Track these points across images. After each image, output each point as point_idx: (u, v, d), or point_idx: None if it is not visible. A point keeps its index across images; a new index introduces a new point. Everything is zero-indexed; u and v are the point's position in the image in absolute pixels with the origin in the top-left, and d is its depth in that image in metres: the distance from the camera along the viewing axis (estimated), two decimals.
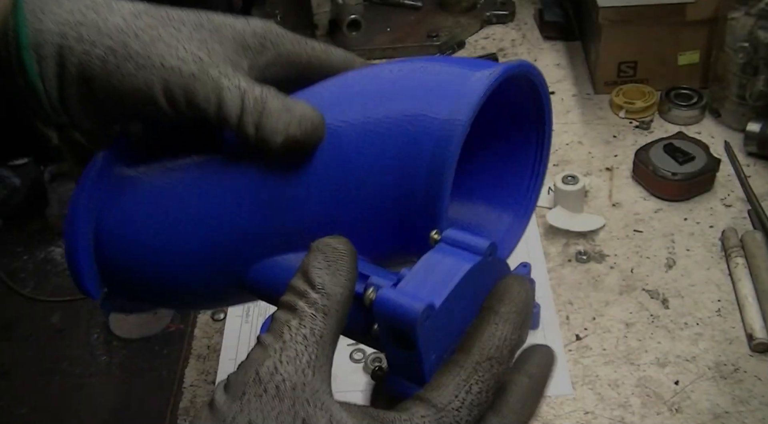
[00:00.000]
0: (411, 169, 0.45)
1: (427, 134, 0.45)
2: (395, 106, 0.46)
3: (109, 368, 2.02)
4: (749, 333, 0.86)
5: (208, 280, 0.52)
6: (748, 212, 1.01)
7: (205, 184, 0.50)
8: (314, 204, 0.47)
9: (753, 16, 1.04)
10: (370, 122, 0.46)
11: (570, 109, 1.20)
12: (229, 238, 0.49)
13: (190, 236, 0.50)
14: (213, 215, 0.49)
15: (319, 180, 0.47)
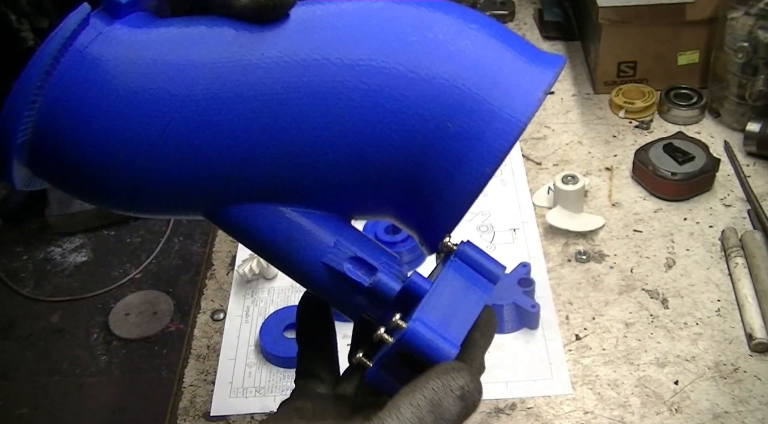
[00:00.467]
0: (448, 146, 0.43)
1: (482, 122, 0.43)
2: (444, 64, 0.43)
3: (109, 368, 2.02)
4: (749, 333, 0.86)
5: (174, 192, 0.45)
6: (747, 211, 1.01)
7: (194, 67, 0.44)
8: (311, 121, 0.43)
9: (753, 15, 1.04)
10: (412, 62, 0.43)
11: (570, 109, 1.20)
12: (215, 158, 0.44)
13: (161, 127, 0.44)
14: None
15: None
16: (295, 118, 0.43)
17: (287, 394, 0.85)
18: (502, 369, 0.86)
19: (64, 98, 0.44)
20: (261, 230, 0.46)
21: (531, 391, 0.84)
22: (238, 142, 0.44)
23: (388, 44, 0.44)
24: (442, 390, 0.41)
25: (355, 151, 0.43)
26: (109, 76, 0.44)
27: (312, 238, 0.45)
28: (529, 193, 1.06)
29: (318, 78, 0.43)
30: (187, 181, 0.45)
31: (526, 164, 1.11)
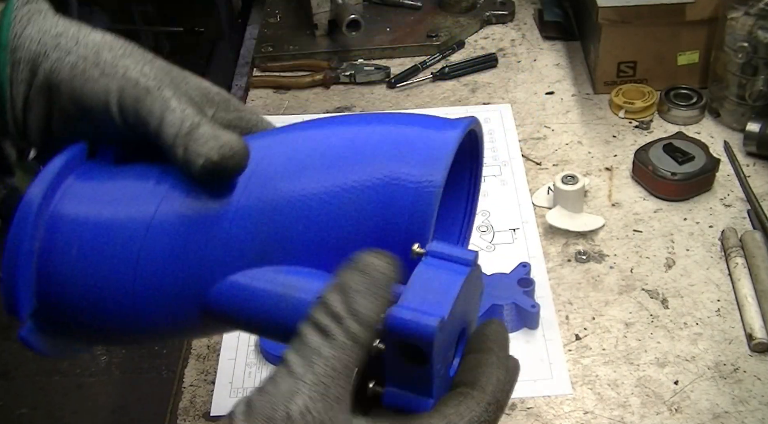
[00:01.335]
0: (387, 233, 0.46)
1: (403, 199, 0.45)
2: (362, 172, 0.47)
3: (109, 368, 2.02)
4: (749, 333, 0.86)
5: (166, 308, 0.49)
6: (747, 211, 1.01)
7: (144, 205, 0.49)
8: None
9: (752, 15, 1.04)
10: (338, 191, 0.47)
11: (569, 109, 1.20)
12: (179, 260, 0.48)
13: (135, 263, 0.48)
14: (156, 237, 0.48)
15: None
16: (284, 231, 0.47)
17: None
18: None
19: (52, 265, 0.49)
20: (253, 295, 0.47)
21: (531, 391, 0.84)
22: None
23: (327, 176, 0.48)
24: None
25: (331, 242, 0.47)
26: (77, 232, 0.49)
27: (299, 290, 0.46)
28: (529, 193, 1.06)
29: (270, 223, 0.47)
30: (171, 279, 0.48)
31: (526, 164, 1.11)
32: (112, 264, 0.48)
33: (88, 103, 0.50)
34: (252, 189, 0.48)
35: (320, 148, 0.49)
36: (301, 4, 1.39)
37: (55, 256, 0.49)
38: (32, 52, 0.50)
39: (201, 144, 0.47)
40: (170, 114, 0.48)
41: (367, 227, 0.46)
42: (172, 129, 0.48)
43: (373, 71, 1.28)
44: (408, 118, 0.51)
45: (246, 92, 1.29)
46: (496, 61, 1.29)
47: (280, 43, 1.36)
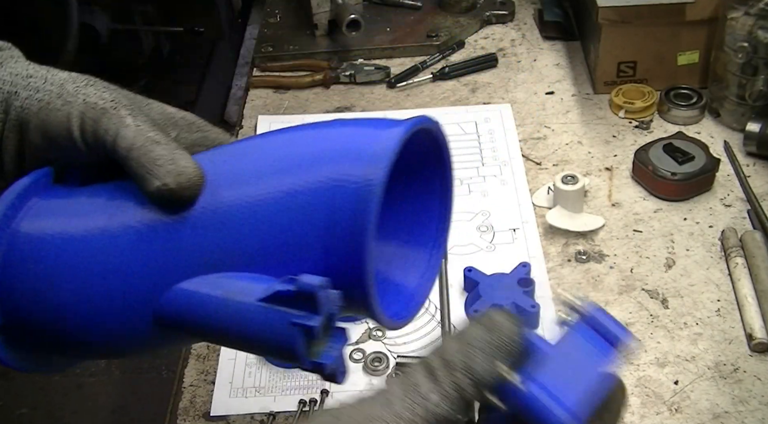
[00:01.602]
0: (332, 234, 0.45)
1: (345, 200, 0.45)
2: (306, 176, 0.47)
3: (109, 368, 2.01)
4: (749, 333, 0.86)
5: (121, 317, 0.50)
6: (747, 211, 1.01)
7: (98, 217, 0.51)
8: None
9: (752, 15, 1.04)
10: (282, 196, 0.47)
11: (569, 109, 1.20)
12: (130, 267, 0.49)
13: (90, 270, 0.50)
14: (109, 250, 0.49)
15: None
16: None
17: (287, 394, 0.86)
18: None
19: (12, 280, 0.51)
20: (198, 301, 0.47)
21: None
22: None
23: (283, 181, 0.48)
24: None
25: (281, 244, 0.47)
26: (35, 248, 0.51)
27: (240, 294, 0.46)
28: (529, 193, 1.06)
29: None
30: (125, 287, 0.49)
31: (526, 164, 1.11)
32: (67, 276, 0.50)
33: (53, 132, 0.52)
34: (202, 200, 0.48)
35: (267, 156, 0.49)
36: (301, 4, 1.39)
37: (15, 271, 0.51)
38: (5, 92, 0.53)
39: (158, 166, 0.48)
40: (124, 129, 0.50)
41: (312, 229, 0.45)
42: (125, 142, 0.50)
43: (373, 71, 1.28)
44: (356, 121, 0.51)
45: (246, 92, 1.29)
46: (496, 61, 1.29)
47: (280, 43, 1.36)
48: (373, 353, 0.88)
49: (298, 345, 0.43)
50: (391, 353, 0.88)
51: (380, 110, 1.22)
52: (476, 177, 1.09)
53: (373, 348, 0.89)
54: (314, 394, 0.85)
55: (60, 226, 0.51)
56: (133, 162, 0.49)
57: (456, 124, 1.18)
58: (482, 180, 1.09)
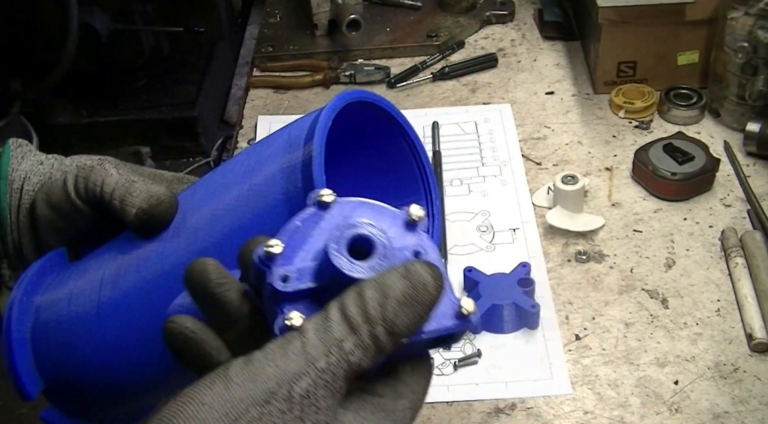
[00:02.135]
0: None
1: (295, 177, 0.49)
2: (264, 172, 0.52)
3: None
4: (749, 333, 0.86)
5: (139, 350, 0.53)
6: (747, 211, 1.01)
7: (112, 265, 0.56)
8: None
9: (752, 15, 1.04)
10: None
11: (569, 109, 1.20)
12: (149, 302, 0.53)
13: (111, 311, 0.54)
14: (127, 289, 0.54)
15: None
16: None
17: None
18: (502, 369, 0.86)
19: (44, 345, 0.56)
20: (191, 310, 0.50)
21: (531, 391, 0.84)
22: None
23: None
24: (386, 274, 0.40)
25: None
26: (55, 312, 0.56)
27: None
28: (529, 193, 1.06)
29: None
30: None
31: (526, 164, 1.11)
32: (81, 327, 0.54)
33: (55, 198, 0.59)
34: (180, 223, 0.54)
35: (231, 170, 0.55)
36: (301, 4, 1.39)
37: (42, 340, 0.56)
38: (21, 179, 0.62)
39: (135, 197, 0.56)
40: (109, 178, 0.58)
41: (275, 214, 0.49)
42: (109, 188, 0.57)
43: (373, 71, 1.28)
44: (302, 119, 0.54)
45: (246, 92, 1.29)
46: (496, 61, 1.29)
47: (280, 43, 1.36)
48: None
49: (277, 323, 0.43)
50: None
51: None
52: (476, 177, 1.09)
53: None
54: None
55: (68, 288, 0.57)
56: (116, 201, 0.56)
57: (456, 124, 1.18)
58: (482, 180, 1.09)
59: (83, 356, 0.54)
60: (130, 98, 2.23)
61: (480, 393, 0.84)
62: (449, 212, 1.04)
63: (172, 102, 2.18)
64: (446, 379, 0.85)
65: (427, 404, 0.83)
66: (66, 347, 0.55)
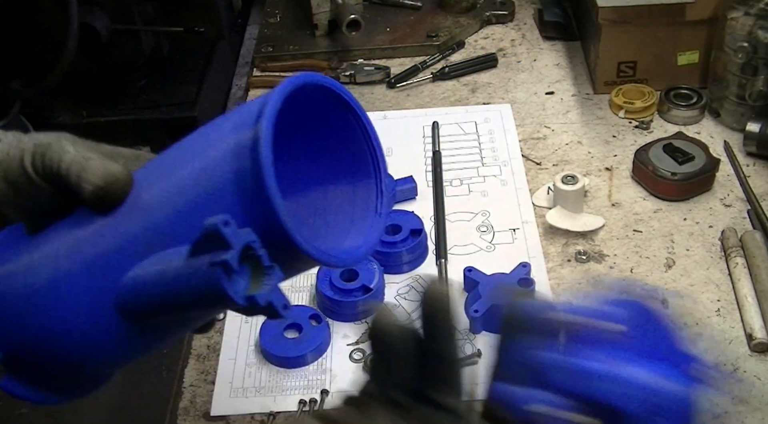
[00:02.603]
0: (242, 194, 0.50)
1: (244, 157, 0.50)
2: (214, 151, 0.53)
3: None
4: (749, 333, 0.86)
5: (88, 320, 0.54)
6: (747, 211, 1.01)
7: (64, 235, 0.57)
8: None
9: (752, 16, 1.04)
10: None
11: (569, 109, 1.20)
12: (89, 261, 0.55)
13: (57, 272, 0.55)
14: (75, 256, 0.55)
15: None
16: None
17: (287, 394, 0.86)
18: None
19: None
20: (143, 281, 0.52)
21: None
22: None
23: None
24: None
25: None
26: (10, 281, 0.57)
27: (175, 253, 0.51)
28: (529, 193, 1.06)
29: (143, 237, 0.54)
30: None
31: (526, 164, 1.11)
32: (37, 299, 0.55)
33: (12, 174, 0.59)
34: (131, 197, 0.55)
35: (184, 148, 0.56)
36: (301, 4, 1.39)
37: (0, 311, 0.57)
38: None
39: (90, 174, 0.56)
40: (65, 155, 0.58)
41: (225, 193, 0.50)
42: (65, 164, 0.57)
43: (373, 71, 1.28)
44: (255, 100, 0.55)
45: (246, 92, 1.29)
46: (496, 61, 1.29)
47: (280, 43, 1.36)
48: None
49: (222, 282, 0.46)
50: None
51: (380, 110, 1.22)
52: (476, 177, 1.09)
53: None
54: (314, 394, 0.85)
55: (24, 261, 0.57)
56: (72, 177, 0.57)
57: (456, 124, 1.18)
58: (482, 180, 1.09)
59: (38, 327, 0.55)
60: (130, 98, 2.23)
61: (480, 393, 0.84)
62: (449, 212, 1.04)
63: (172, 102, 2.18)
64: None
65: None
66: (21, 319, 0.56)
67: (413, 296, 0.94)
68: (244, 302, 0.47)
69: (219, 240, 0.46)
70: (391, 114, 1.21)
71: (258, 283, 0.48)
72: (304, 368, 0.88)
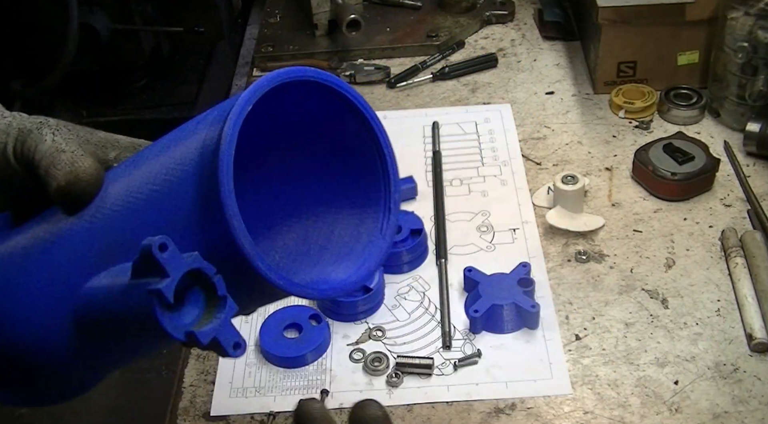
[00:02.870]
0: (205, 207, 0.45)
1: (210, 157, 0.44)
2: (181, 152, 0.48)
3: None
4: (749, 333, 0.86)
5: (48, 328, 0.51)
6: (747, 211, 1.01)
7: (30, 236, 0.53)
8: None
9: (752, 16, 1.04)
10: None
11: (569, 109, 1.20)
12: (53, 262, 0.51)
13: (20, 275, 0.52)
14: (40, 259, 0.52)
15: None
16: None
17: (287, 394, 0.86)
18: (502, 369, 0.86)
19: None
20: (96, 293, 0.48)
21: (531, 391, 0.84)
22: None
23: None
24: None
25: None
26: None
27: (125, 269, 0.46)
28: (529, 193, 1.06)
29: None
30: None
31: (526, 164, 1.11)
32: (1, 294, 0.52)
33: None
34: (100, 201, 0.51)
35: (158, 145, 0.51)
36: (301, 4, 1.39)
37: None
38: None
39: (58, 170, 0.52)
40: (42, 144, 0.54)
41: (186, 202, 0.45)
42: (39, 155, 0.54)
43: (373, 71, 1.28)
44: (234, 96, 0.50)
45: None
46: (496, 61, 1.29)
47: (280, 43, 1.36)
48: (373, 353, 0.88)
49: (156, 313, 0.41)
50: (391, 353, 0.88)
51: (380, 110, 1.22)
52: (476, 177, 1.09)
53: (372, 348, 0.89)
54: (314, 394, 0.85)
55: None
56: (41, 170, 0.53)
57: (456, 124, 1.18)
58: (482, 180, 1.09)
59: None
60: (130, 98, 2.23)
61: (480, 393, 0.84)
62: (449, 212, 1.04)
63: (172, 102, 2.18)
64: (446, 379, 0.85)
65: (427, 404, 0.83)
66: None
67: (413, 296, 0.94)
68: (183, 338, 0.42)
69: (155, 266, 0.41)
70: (391, 114, 1.22)
71: (209, 315, 0.42)
72: (304, 368, 0.88)
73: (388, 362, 0.87)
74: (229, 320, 0.42)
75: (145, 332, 0.44)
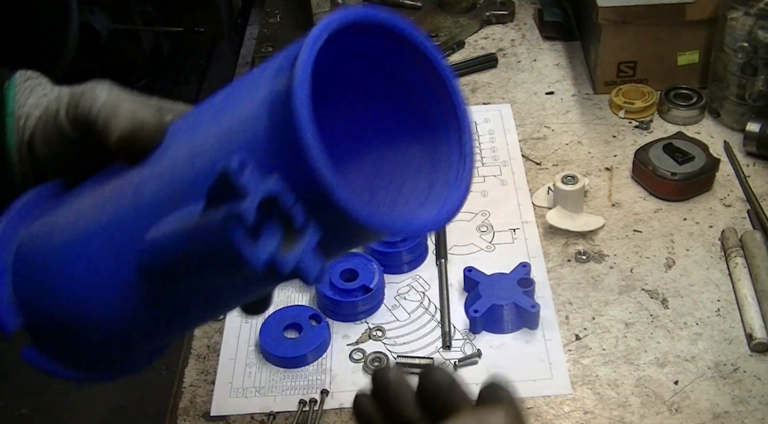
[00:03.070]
0: (280, 142, 0.43)
1: (282, 103, 0.42)
2: (252, 99, 0.46)
3: None
4: (749, 333, 0.86)
5: (114, 286, 0.50)
6: (747, 211, 1.01)
7: (95, 191, 0.52)
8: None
9: (752, 16, 1.04)
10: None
11: (569, 109, 1.20)
12: (116, 224, 0.50)
13: (84, 235, 0.51)
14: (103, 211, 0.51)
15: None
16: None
17: (287, 394, 0.86)
18: (502, 369, 0.86)
19: (25, 282, 0.53)
20: (164, 237, 0.46)
21: (531, 391, 0.84)
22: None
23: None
24: None
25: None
26: (37, 247, 0.53)
27: (191, 209, 0.44)
28: (529, 193, 1.06)
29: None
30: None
31: (526, 164, 1.11)
32: (56, 261, 0.51)
33: (50, 130, 0.56)
34: (162, 152, 0.50)
35: (220, 98, 0.50)
36: (301, 4, 1.39)
37: (23, 271, 0.52)
38: (23, 118, 0.57)
39: (119, 119, 0.52)
40: (98, 100, 0.54)
41: (258, 148, 0.43)
42: (95, 110, 0.53)
43: None
44: (296, 42, 0.47)
45: None
46: (496, 61, 1.29)
47: (280, 43, 1.36)
48: (373, 353, 0.88)
49: (235, 239, 0.38)
50: (391, 353, 0.88)
51: None
52: (476, 177, 1.09)
53: (373, 348, 0.89)
54: (314, 394, 0.85)
55: (48, 221, 0.53)
56: (99, 125, 0.53)
57: None
58: (482, 180, 1.09)
59: (57, 291, 0.51)
60: None
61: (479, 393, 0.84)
62: None
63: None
64: None
65: None
66: (41, 282, 0.52)
67: (413, 296, 0.94)
68: (262, 267, 0.38)
69: (232, 188, 0.38)
70: None
71: (289, 246, 0.39)
72: (304, 368, 0.88)
73: (388, 362, 0.87)
74: (313, 246, 0.40)
75: (220, 269, 0.42)
